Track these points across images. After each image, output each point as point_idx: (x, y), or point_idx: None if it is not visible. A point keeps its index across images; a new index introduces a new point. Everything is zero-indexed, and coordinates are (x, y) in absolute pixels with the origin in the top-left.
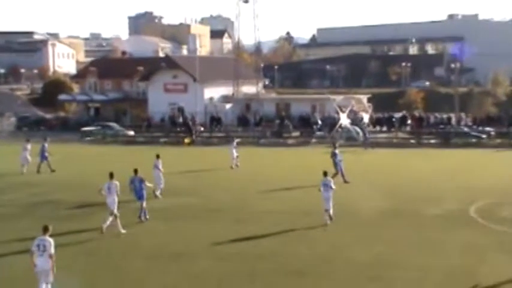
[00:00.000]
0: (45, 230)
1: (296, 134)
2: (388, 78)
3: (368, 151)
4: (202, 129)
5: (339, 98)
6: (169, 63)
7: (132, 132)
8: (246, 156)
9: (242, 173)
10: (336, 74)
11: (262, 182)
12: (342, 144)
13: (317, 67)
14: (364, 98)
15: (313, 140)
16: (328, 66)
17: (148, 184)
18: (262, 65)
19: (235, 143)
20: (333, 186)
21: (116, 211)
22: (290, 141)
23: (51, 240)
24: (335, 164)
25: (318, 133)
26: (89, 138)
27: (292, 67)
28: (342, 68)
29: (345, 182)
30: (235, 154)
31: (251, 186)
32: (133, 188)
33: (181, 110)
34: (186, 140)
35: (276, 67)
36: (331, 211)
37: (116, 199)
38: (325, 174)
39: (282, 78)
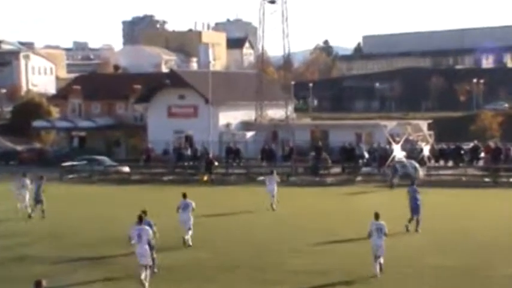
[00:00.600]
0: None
1: (336, 170)
2: (455, 99)
3: (425, 191)
4: (216, 164)
5: (391, 124)
6: (175, 80)
7: (127, 168)
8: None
9: (266, 221)
10: (388, 93)
11: (292, 232)
12: (396, 184)
13: (363, 85)
14: (423, 124)
15: (359, 178)
16: (377, 84)
17: (155, 231)
18: (293, 83)
19: (275, 175)
20: (387, 232)
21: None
22: (329, 179)
23: None
24: (415, 207)
25: (365, 169)
26: (71, 176)
27: (331, 85)
28: (394, 86)
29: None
30: (275, 190)
31: (277, 238)
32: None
33: (189, 139)
34: (205, 178)
35: (310, 85)
36: (382, 260)
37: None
38: (376, 216)
39: (319, 99)
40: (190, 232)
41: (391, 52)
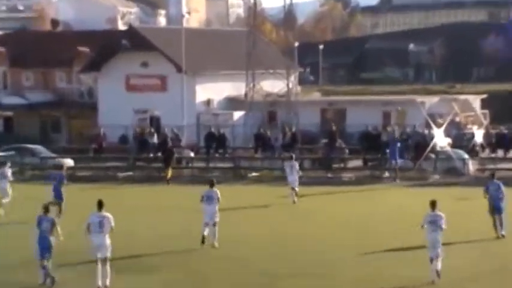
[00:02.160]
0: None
1: (356, 163)
2: None
3: (476, 191)
4: (192, 155)
5: (431, 100)
6: (136, 40)
7: (70, 161)
8: (268, 201)
9: (260, 230)
10: (426, 58)
11: (292, 248)
12: (435, 182)
13: (392, 47)
14: (475, 101)
15: (386, 174)
16: (411, 46)
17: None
18: (297, 45)
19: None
20: (444, 226)
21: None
22: (346, 175)
23: None
24: (498, 208)
25: (395, 162)
26: None
27: (350, 47)
28: (435, 48)
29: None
30: (297, 182)
31: (275, 255)
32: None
33: (156, 122)
34: (167, 173)
35: (320, 47)
36: (439, 264)
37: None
38: (433, 205)
39: (332, 67)
40: (215, 229)
41: (431, 2)
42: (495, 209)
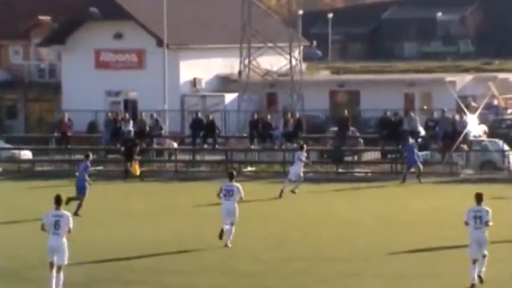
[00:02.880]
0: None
1: (373, 155)
2: None
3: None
4: (175, 146)
5: (463, 79)
6: (107, 7)
7: (28, 154)
8: (267, 201)
9: (258, 234)
10: (457, 29)
11: (292, 264)
12: (468, 178)
13: (416, 15)
14: None
15: (411, 170)
16: (439, 14)
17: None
18: (300, 13)
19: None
20: (491, 222)
21: None
22: (360, 170)
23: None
24: None
25: (420, 154)
26: None
27: (365, 16)
28: (468, 18)
29: None
30: (301, 175)
31: (272, 270)
32: None
33: (132, 107)
34: (136, 169)
35: (329, 16)
36: (483, 268)
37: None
38: (479, 198)
39: (344, 40)
40: (232, 229)
41: None
42: None
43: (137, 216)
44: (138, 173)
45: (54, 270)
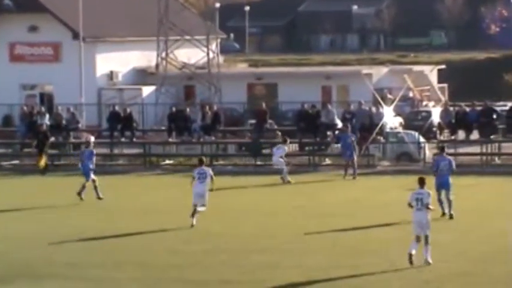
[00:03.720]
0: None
1: (291, 148)
2: (483, 30)
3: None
4: (93, 139)
5: (379, 72)
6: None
7: None
8: (183, 195)
9: (173, 234)
10: (373, 22)
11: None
12: (385, 169)
13: (332, 9)
14: (432, 72)
15: (327, 161)
16: (355, 8)
17: None
18: (217, 5)
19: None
20: (431, 206)
21: None
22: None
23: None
24: (446, 184)
25: (337, 146)
26: None
27: (281, 9)
28: (384, 11)
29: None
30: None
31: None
32: None
33: (48, 100)
34: (42, 162)
35: (246, 9)
36: (429, 254)
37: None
38: (421, 182)
39: (261, 33)
40: (203, 208)
41: None
42: (443, 185)
43: (54, 210)
44: (42, 166)
45: None
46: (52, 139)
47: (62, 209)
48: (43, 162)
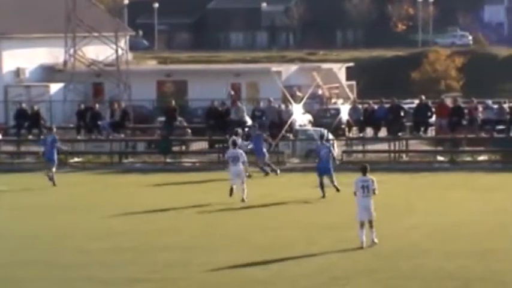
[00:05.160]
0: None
1: (200, 145)
2: (389, 29)
3: (342, 177)
4: (0, 136)
5: (288, 69)
6: None
7: None
8: (96, 192)
9: (79, 232)
10: (282, 19)
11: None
12: (294, 167)
13: (241, 5)
14: (340, 70)
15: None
16: (264, 5)
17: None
18: (126, 2)
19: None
20: (376, 191)
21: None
22: (188, 160)
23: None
24: (327, 169)
25: (245, 143)
26: None
27: (189, 7)
28: (293, 8)
29: None
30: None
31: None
32: None
33: None
34: None
35: (155, 6)
36: (374, 234)
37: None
38: (364, 170)
39: (169, 30)
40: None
41: None
42: (325, 171)
43: None
44: None
45: None
46: None
47: None
48: None
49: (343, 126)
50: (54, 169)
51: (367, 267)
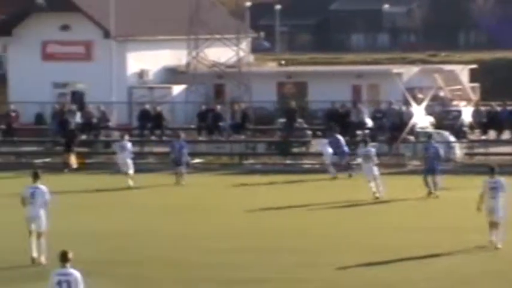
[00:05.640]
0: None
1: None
2: None
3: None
4: (127, 138)
5: (409, 71)
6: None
7: None
8: (220, 194)
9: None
10: (404, 21)
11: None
12: (415, 169)
13: (363, 7)
14: (463, 72)
15: (358, 160)
16: (386, 6)
17: None
18: (248, 4)
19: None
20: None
21: None
22: (308, 161)
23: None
24: (433, 169)
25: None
26: None
27: (312, 8)
28: (415, 9)
29: None
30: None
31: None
32: None
33: (79, 98)
34: (72, 161)
35: (277, 7)
36: (499, 242)
37: None
38: (492, 171)
39: (291, 31)
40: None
41: None
42: (431, 170)
43: (81, 209)
44: (74, 165)
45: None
46: (82, 137)
47: (99, 208)
48: (74, 160)
49: (464, 128)
50: (183, 170)
51: (492, 269)
